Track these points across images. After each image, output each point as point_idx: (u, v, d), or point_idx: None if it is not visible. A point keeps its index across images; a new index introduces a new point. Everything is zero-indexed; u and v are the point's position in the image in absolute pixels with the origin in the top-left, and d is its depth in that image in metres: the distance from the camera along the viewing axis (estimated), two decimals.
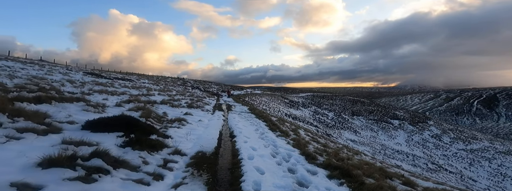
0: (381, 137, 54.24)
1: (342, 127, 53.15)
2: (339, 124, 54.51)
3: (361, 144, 43.99)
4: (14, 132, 2.94)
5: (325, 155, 4.88)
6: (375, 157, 21.42)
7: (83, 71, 20.13)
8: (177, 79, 47.57)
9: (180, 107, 10.01)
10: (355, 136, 49.94)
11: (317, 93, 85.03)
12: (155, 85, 24.50)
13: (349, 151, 8.53)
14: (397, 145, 49.78)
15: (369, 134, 53.58)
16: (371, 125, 59.86)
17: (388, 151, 43.57)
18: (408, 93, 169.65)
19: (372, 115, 66.13)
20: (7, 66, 12.67)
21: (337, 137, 42.85)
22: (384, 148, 45.71)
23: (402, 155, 43.30)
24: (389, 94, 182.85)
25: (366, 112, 68.05)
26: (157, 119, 6.44)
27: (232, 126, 7.39)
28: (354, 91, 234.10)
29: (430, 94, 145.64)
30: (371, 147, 43.51)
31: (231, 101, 22.08)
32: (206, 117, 9.01)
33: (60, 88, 8.48)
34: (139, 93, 12.77)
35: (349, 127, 54.94)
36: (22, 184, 1.88)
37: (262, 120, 9.47)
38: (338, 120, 57.69)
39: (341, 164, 4.12)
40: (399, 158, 40.14)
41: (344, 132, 50.54)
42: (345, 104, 73.91)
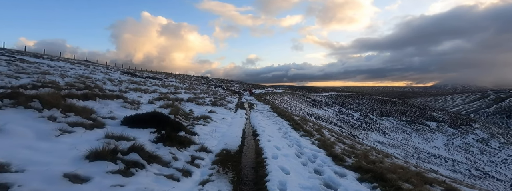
0: (414, 139, 49.95)
1: (369, 128, 50.09)
2: (365, 125, 51.48)
3: (390, 147, 40.98)
4: (66, 126, 3.33)
5: (354, 157, 4.60)
6: (408, 161, 19.69)
7: (120, 71, 22.11)
8: (201, 78, 49.50)
9: (204, 105, 10.39)
10: (384, 138, 46.70)
11: (341, 93, 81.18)
12: (181, 84, 25.83)
13: (378, 153, 7.94)
14: (433, 149, 45.30)
15: (400, 136, 49.70)
16: (403, 127, 55.37)
17: (423, 155, 39.94)
18: (448, 93, 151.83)
19: (404, 116, 61.03)
20: (59, 66, 14.51)
21: (363, 139, 40.53)
22: (418, 151, 42.03)
23: (440, 160, 39.34)
24: (425, 94, 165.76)
25: (397, 113, 63.06)
26: (184, 117, 6.76)
27: (254, 124, 7.43)
28: (383, 91, 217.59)
29: (476, 94, 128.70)
30: (403, 150, 40.33)
31: (252, 100, 22.27)
32: (229, 115, 9.21)
33: (102, 86, 9.43)
34: (168, 91, 13.58)
35: (377, 128, 51.55)
36: (73, 176, 2.11)
37: (284, 119, 9.34)
38: (364, 120, 54.52)
39: (373, 167, 3.83)
40: (436, 163, 36.49)
41: (371, 134, 47.58)
42: (373, 104, 69.41)
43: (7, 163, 2.03)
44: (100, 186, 2.10)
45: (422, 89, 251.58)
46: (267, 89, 57.61)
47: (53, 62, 16.16)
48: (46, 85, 6.71)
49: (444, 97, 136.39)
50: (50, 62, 15.76)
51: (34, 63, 12.72)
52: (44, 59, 17.26)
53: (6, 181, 1.79)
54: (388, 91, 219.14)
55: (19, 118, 3.12)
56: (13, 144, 2.42)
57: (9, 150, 2.28)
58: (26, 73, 8.31)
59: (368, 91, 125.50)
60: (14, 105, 3.44)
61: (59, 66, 14.99)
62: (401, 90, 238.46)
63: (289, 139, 5.66)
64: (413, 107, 68.91)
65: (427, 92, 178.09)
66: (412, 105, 72.79)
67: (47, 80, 7.58)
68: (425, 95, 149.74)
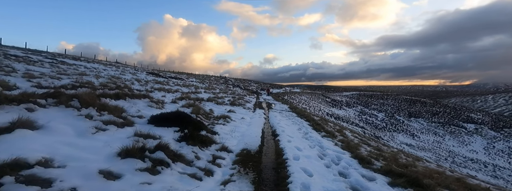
0: (448, 142, 45.90)
1: (395, 130, 47.03)
2: (391, 126, 48.46)
3: (420, 149, 38.13)
4: (101, 124, 3.58)
5: (382, 160, 4.28)
6: (441, 165, 17.95)
7: (146, 72, 23.49)
8: (219, 77, 50.55)
9: (223, 105, 10.56)
10: (412, 140, 43.56)
11: (363, 92, 77.21)
12: (201, 84, 26.62)
13: (408, 156, 7.33)
14: (471, 153, 41.16)
15: (431, 139, 45.97)
16: (435, 129, 51.10)
17: (458, 159, 36.52)
18: (489, 93, 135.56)
19: (436, 117, 56.23)
20: (94, 68, 15.84)
21: (388, 140, 38.15)
22: (453, 155, 38.52)
23: (478, 165, 35.61)
24: (461, 93, 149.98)
25: (428, 113, 58.33)
26: (205, 116, 6.92)
27: (274, 124, 7.34)
28: (411, 90, 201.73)
29: None
30: (434, 153, 37.31)
31: (270, 99, 22.16)
32: (248, 114, 9.23)
33: (131, 86, 10.06)
34: (189, 91, 14.07)
35: (405, 129, 48.23)
36: (107, 172, 2.24)
37: (304, 119, 9.09)
38: (390, 121, 51.35)
39: (406, 171, 3.51)
40: (473, 168, 33.11)
41: (398, 135, 44.63)
42: (400, 104, 65.00)
43: (51, 159, 2.22)
44: (130, 183, 2.20)
45: (457, 88, 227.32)
46: (284, 89, 57.03)
47: (89, 64, 17.71)
48: (83, 85, 7.34)
49: (484, 97, 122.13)
50: (86, 64, 17.30)
51: (73, 65, 14.05)
52: (81, 61, 19.00)
53: (49, 176, 1.95)
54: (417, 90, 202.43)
55: (60, 116, 3.42)
56: (56, 141, 2.65)
57: (52, 146, 2.50)
58: (66, 74, 9.19)
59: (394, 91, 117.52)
60: (57, 104, 3.79)
61: (94, 67, 16.38)
62: (432, 89, 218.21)
63: (310, 140, 5.47)
64: (447, 108, 63.05)
65: (463, 92, 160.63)
66: (445, 105, 66.69)
67: (84, 81, 8.29)
68: (461, 95, 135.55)
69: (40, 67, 10.18)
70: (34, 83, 6.44)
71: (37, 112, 3.35)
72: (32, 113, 3.25)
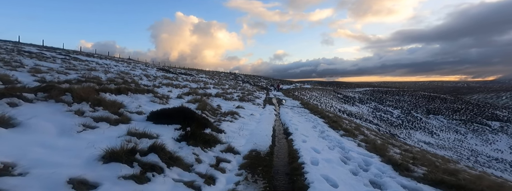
0: (470, 141, 43.07)
1: (412, 127, 44.74)
2: (407, 123, 46.15)
3: (439, 148, 36.01)
4: (91, 121, 3.15)
5: (420, 165, 3.55)
6: (470, 166, 16.43)
7: (156, 68, 23.55)
8: (229, 74, 50.31)
9: (232, 100, 10.05)
10: (431, 138, 41.25)
11: (377, 88, 74.04)
12: (211, 79, 26.37)
13: (435, 157, 6.42)
14: (495, 152, 38.33)
15: (452, 137, 43.35)
16: (456, 127, 48.11)
17: (481, 158, 34.13)
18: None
19: (458, 114, 52.84)
20: (106, 64, 15.91)
21: (405, 138, 36.31)
22: (475, 154, 36.06)
23: (503, 164, 33.07)
24: (484, 89, 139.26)
25: (448, 110, 54.95)
26: (212, 112, 6.44)
27: (285, 121, 6.73)
28: (429, 86, 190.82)
29: None
30: (455, 152, 35.11)
31: (281, 95, 21.42)
32: (258, 111, 8.67)
33: (139, 81, 9.81)
34: (198, 86, 13.72)
35: (423, 127, 45.78)
36: (79, 181, 1.77)
37: (318, 116, 8.38)
38: (406, 118, 48.94)
39: (463, 182, 2.76)
40: (498, 168, 30.78)
41: (415, 133, 42.43)
42: (417, 100, 61.73)
43: (13, 164, 1.78)
44: None
45: (480, 84, 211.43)
46: (295, 85, 55.83)
47: (101, 60, 17.88)
48: (89, 80, 7.11)
49: (510, 93, 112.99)
50: (98, 60, 17.46)
51: (85, 61, 14.12)
52: (94, 58, 19.26)
53: (0, 186, 1.49)
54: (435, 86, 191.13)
55: (47, 112, 3.03)
56: (30, 141, 2.22)
57: (23, 148, 2.07)
58: (75, 70, 9.06)
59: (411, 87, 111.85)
60: (46, 98, 3.42)
61: (105, 63, 16.48)
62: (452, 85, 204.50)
63: (328, 140, 4.81)
64: (470, 104, 58.98)
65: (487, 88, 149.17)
66: (468, 102, 62.44)
67: (92, 76, 8.08)
68: (484, 91, 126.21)
69: (51, 62, 10.17)
70: (38, 78, 6.25)
71: (21, 107, 2.97)
72: (14, 108, 2.87)
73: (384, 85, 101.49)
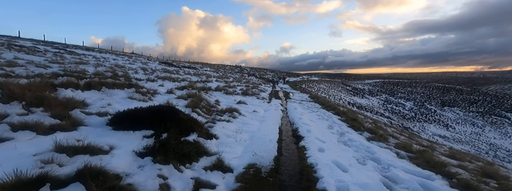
0: (489, 134, 40.46)
1: (426, 120, 42.45)
2: (421, 116, 43.83)
3: (456, 142, 33.93)
4: (7, 129, 2.10)
5: None
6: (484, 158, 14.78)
7: (159, 61, 22.64)
8: (235, 67, 49.15)
9: (234, 95, 8.91)
10: (447, 132, 38.97)
11: (388, 80, 70.75)
12: (215, 73, 25.30)
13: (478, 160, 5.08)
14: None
15: (468, 130, 40.86)
16: (472, 119, 45.29)
17: (500, 153, 31.90)
18: None
19: (475, 106, 49.70)
20: (103, 57, 15.07)
21: (419, 131, 34.42)
22: (494, 148, 33.79)
23: None
24: (501, 80, 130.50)
25: (464, 102, 51.78)
26: (206, 109, 5.35)
27: (294, 119, 5.54)
28: (443, 77, 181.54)
29: None
30: (473, 146, 32.98)
31: (288, 88, 20.08)
32: (262, 106, 7.50)
33: (132, 75, 8.82)
34: (198, 79, 12.66)
35: (437, 120, 43.37)
36: None
37: (332, 112, 7.11)
38: (419, 111, 46.51)
39: None
40: None
41: (429, 126, 40.21)
42: (431, 92, 58.57)
43: None
44: None
45: (497, 75, 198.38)
46: (302, 77, 54.03)
47: (100, 54, 17.09)
48: (70, 74, 6.15)
49: None
50: (97, 54, 16.67)
51: (81, 55, 13.31)
52: (93, 52, 18.52)
53: None
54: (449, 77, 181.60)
55: None
56: None
57: None
58: (59, 63, 8.15)
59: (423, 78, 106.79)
60: None
61: (104, 57, 15.65)
62: (467, 76, 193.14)
63: (352, 147, 3.59)
64: (487, 96, 55.27)
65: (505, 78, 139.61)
66: (485, 93, 58.53)
67: (74, 69, 7.12)
68: (502, 82, 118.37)
69: (39, 56, 9.33)
70: (6, 71, 5.35)
71: None
72: None
73: (394, 77, 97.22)
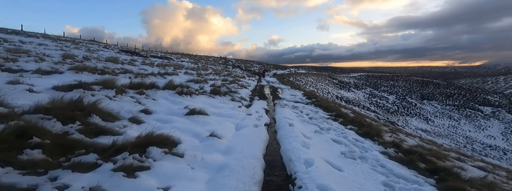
0: (464, 127, 41.37)
1: (408, 113, 42.31)
2: (403, 110, 43.67)
3: (436, 135, 33.78)
4: None
5: None
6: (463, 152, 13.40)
7: (120, 49, 18.28)
8: (219, 58, 45.20)
9: (196, 95, 5.65)
10: (427, 125, 39.05)
11: (372, 73, 70.93)
12: (194, 64, 21.56)
13: None
14: (488, 139, 36.81)
15: (446, 123, 41.42)
16: (449, 112, 46.19)
17: (476, 146, 32.29)
18: (500, 74, 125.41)
19: (451, 99, 50.79)
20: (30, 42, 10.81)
21: (403, 126, 33.71)
22: (470, 141, 34.22)
23: (497, 152, 31.49)
24: (471, 74, 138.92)
25: (442, 96, 52.81)
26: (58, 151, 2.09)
27: (291, 153, 2.50)
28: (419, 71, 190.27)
29: None
30: (452, 140, 33.08)
31: (275, 82, 17.01)
32: (233, 118, 4.36)
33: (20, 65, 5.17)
34: (159, 71, 9.13)
35: (418, 113, 43.49)
36: None
37: (347, 124, 4.15)
38: (401, 104, 46.44)
39: None
40: (494, 156, 28.98)
41: (411, 120, 40.03)
42: (411, 86, 59.27)
43: None
44: None
45: (467, 69, 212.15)
46: (289, 70, 51.46)
47: (28, 39, 12.62)
48: None
49: (495, 78, 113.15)
50: (23, 39, 12.23)
51: None
52: (28, 37, 13.92)
53: None
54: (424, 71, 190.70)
55: None
56: None
57: None
58: None
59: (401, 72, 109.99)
60: None
61: (30, 42, 11.36)
62: (440, 70, 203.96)
63: None
64: (462, 90, 57.10)
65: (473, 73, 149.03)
66: (460, 87, 60.59)
67: None
68: (471, 76, 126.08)
69: None
70: None
71: None
72: None
73: (375, 70, 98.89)
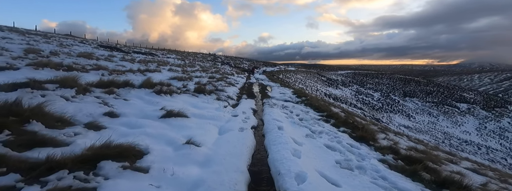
0: (442, 123, 43.58)
1: (392, 110, 43.86)
2: (387, 107, 45.19)
3: (418, 132, 35.25)
4: None
5: None
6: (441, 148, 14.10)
7: (99, 44, 16.97)
8: (208, 55, 44.07)
9: (174, 95, 5.11)
10: (409, 122, 40.67)
11: (358, 71, 72.89)
12: (181, 61, 20.66)
13: None
14: (464, 134, 39.07)
15: (426, 119, 43.43)
16: (429, 109, 48.46)
17: (453, 141, 34.11)
18: (475, 72, 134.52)
19: (430, 97, 53.30)
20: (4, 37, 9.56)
21: (387, 123, 34.81)
22: (448, 137, 36.08)
23: (473, 147, 33.49)
24: (448, 72, 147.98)
25: (422, 93, 55.28)
26: None
27: (280, 165, 2.15)
28: (401, 69, 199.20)
29: (506, 73, 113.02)
30: (432, 136, 34.65)
31: (265, 80, 16.66)
32: (219, 118, 3.93)
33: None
34: (140, 68, 8.40)
35: (401, 110, 45.19)
36: None
37: (340, 126, 3.87)
38: (386, 101, 48.06)
39: None
40: (470, 151, 30.77)
41: (395, 116, 41.52)
42: (395, 83, 61.51)
43: None
44: None
45: (444, 68, 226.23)
46: (279, 67, 51.41)
47: None
48: None
49: (470, 76, 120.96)
50: None
51: None
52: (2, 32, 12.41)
53: None
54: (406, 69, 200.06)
55: None
56: None
57: None
58: None
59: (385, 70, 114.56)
60: None
61: None
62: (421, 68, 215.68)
63: None
64: (440, 87, 60.19)
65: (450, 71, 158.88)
66: (438, 84, 63.83)
67: None
68: (448, 74, 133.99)
69: None
70: None
71: None
72: None
73: (362, 68, 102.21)
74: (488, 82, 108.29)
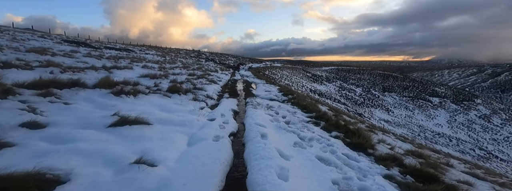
0: (417, 116, 46.20)
1: (373, 105, 45.61)
2: (368, 102, 46.93)
3: (396, 126, 36.96)
4: None
5: None
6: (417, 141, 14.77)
7: (63, 39, 15.08)
8: (192, 51, 42.25)
9: (139, 96, 4.31)
10: (388, 116, 42.53)
11: (341, 67, 74.94)
12: (160, 57, 19.28)
13: None
14: (437, 127, 41.79)
15: (403, 113, 45.75)
16: (406, 103, 51.16)
17: (428, 134, 36.29)
18: (445, 68, 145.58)
19: (407, 91, 56.30)
20: None
21: (369, 117, 36.01)
22: (423, 130, 38.32)
23: (445, 139, 35.92)
24: (421, 68, 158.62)
25: (399, 88, 58.22)
26: None
27: None
28: (380, 65, 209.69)
29: (472, 68, 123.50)
30: (408, 129, 36.53)
31: (250, 77, 16.02)
32: (191, 123, 3.23)
33: None
34: (103, 64, 7.31)
35: (380, 104, 47.17)
36: None
37: (331, 130, 3.40)
38: (367, 96, 49.87)
39: None
40: (443, 143, 32.96)
41: (375, 111, 43.19)
42: (375, 79, 64.12)
43: None
44: None
45: (418, 64, 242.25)
46: (265, 63, 50.98)
47: None
48: None
49: (441, 71, 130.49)
50: None
51: None
52: None
53: None
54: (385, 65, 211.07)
55: None
56: None
57: None
58: None
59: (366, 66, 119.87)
60: None
61: None
62: (397, 65, 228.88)
63: None
64: (415, 82, 63.91)
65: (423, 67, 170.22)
66: (414, 80, 67.71)
67: None
68: (421, 70, 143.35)
69: None
70: None
71: None
72: None
73: (344, 64, 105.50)
74: (457, 77, 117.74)
